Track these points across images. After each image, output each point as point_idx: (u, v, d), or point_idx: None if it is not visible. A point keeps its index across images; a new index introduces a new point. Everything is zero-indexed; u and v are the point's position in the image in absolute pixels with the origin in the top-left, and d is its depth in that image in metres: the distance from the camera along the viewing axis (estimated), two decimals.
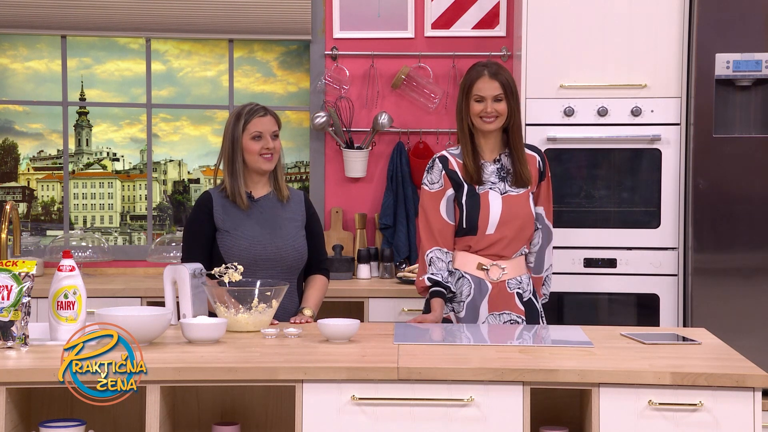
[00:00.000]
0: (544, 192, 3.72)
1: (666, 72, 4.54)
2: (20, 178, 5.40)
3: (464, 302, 3.62)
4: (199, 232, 3.63)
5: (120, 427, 3.07)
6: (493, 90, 3.60)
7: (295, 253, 3.66)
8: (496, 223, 3.60)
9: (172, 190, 5.46)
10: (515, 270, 3.64)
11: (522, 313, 3.63)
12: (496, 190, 3.62)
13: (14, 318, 2.96)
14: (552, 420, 3.06)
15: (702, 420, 2.75)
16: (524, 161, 3.64)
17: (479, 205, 3.60)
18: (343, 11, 5.13)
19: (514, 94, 3.63)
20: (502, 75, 3.63)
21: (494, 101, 3.60)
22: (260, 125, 3.62)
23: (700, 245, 4.51)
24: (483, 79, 3.62)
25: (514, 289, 3.63)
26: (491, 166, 3.65)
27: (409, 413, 2.78)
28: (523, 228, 3.63)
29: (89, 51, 5.33)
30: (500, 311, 3.62)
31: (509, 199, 3.62)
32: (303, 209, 3.74)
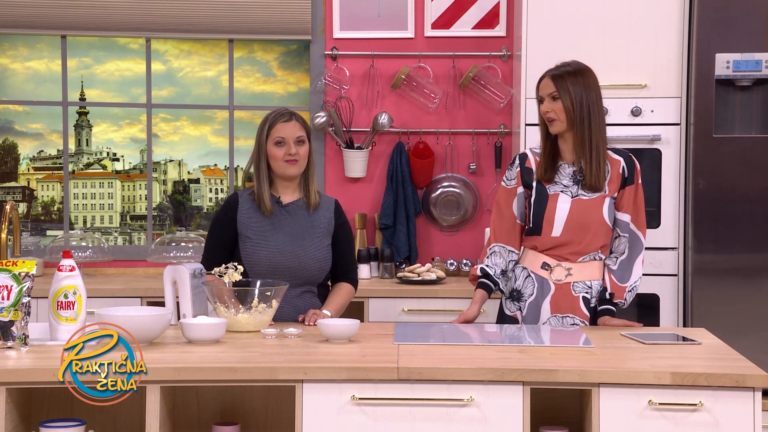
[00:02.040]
0: (628, 198, 3.53)
1: (666, 72, 4.54)
2: (20, 178, 5.40)
3: (527, 301, 3.57)
4: (221, 234, 3.64)
5: (120, 427, 3.07)
6: (548, 88, 3.52)
7: (317, 264, 3.62)
8: (563, 225, 3.50)
9: (172, 190, 5.46)
10: (583, 274, 3.53)
11: (587, 318, 3.53)
12: (567, 193, 3.52)
13: (14, 318, 2.96)
14: (552, 420, 3.06)
15: (702, 420, 2.75)
16: (598, 164, 3.48)
17: (546, 205, 3.52)
18: (343, 11, 5.13)
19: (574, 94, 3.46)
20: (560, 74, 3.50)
21: (551, 100, 3.51)
22: (283, 131, 3.59)
23: (700, 245, 4.51)
24: (544, 80, 3.55)
25: (579, 292, 3.53)
26: (569, 168, 3.54)
27: (409, 413, 2.78)
28: (593, 233, 3.50)
29: (89, 51, 5.33)
30: (564, 314, 3.53)
31: (579, 202, 3.51)
32: (332, 217, 3.68)
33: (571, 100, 3.46)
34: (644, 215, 3.57)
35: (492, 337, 3.44)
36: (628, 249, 3.56)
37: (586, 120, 3.47)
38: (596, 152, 3.47)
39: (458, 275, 5.04)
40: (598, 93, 3.52)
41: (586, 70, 3.55)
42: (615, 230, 3.55)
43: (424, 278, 4.74)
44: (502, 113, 5.12)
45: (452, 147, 5.15)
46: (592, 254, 3.52)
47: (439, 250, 5.16)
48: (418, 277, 4.76)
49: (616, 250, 3.57)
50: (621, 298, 3.55)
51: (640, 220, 3.55)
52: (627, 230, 3.54)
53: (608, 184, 3.51)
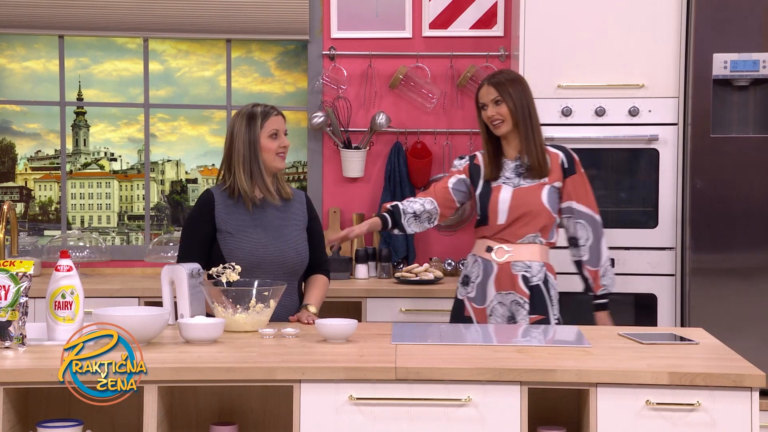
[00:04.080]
0: (574, 185, 3.83)
1: (663, 72, 4.54)
2: (18, 178, 5.40)
3: (475, 283, 3.85)
4: (199, 231, 3.62)
5: (118, 427, 3.07)
6: (490, 95, 3.83)
7: (298, 257, 3.66)
8: (506, 212, 3.80)
9: (169, 190, 5.46)
10: (522, 254, 3.80)
11: (526, 296, 3.78)
12: (509, 184, 3.83)
13: (12, 318, 2.96)
14: (550, 420, 3.06)
15: (700, 420, 2.75)
16: (537, 154, 3.80)
17: (490, 197, 3.83)
18: (340, 11, 5.13)
19: (515, 97, 3.81)
20: (499, 81, 3.84)
21: (495, 105, 3.82)
22: (275, 124, 3.66)
23: (697, 245, 4.51)
24: (483, 88, 3.87)
25: (519, 271, 3.79)
26: (512, 164, 3.86)
27: (407, 413, 2.78)
28: (532, 216, 3.78)
29: (87, 51, 5.33)
30: (506, 291, 3.79)
31: (519, 190, 3.81)
32: (305, 210, 3.74)
33: (514, 103, 3.81)
34: (594, 199, 3.86)
35: (490, 337, 3.44)
36: (591, 233, 3.85)
37: (528, 119, 3.81)
38: (538, 145, 3.81)
39: (456, 275, 5.04)
40: (532, 95, 3.88)
41: (521, 77, 3.93)
42: (571, 218, 3.83)
43: (421, 278, 4.75)
44: None
45: (450, 147, 5.15)
46: (531, 236, 3.80)
47: (437, 250, 5.16)
48: (416, 277, 4.76)
49: (581, 237, 3.85)
50: (599, 287, 3.85)
51: (591, 203, 3.85)
52: (582, 215, 3.83)
53: (549, 174, 3.81)
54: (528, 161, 3.80)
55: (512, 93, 3.81)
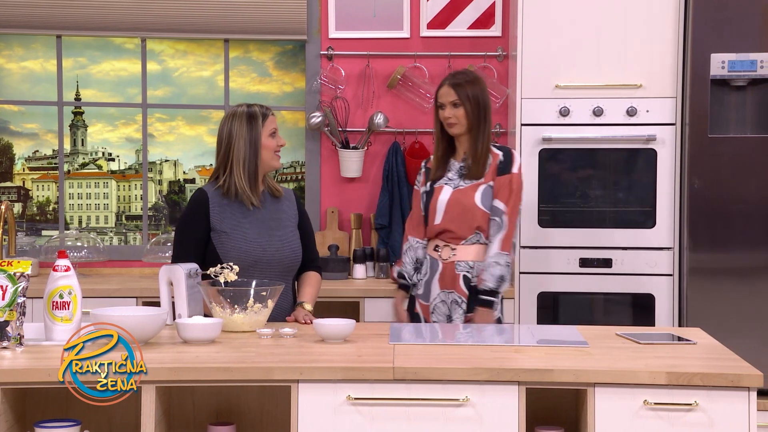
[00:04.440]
0: (501, 185, 3.87)
1: (661, 72, 4.54)
2: (15, 178, 5.40)
3: (422, 280, 3.97)
4: (194, 230, 3.61)
5: (115, 428, 3.07)
6: (450, 96, 3.91)
7: (293, 255, 3.67)
8: (442, 213, 3.90)
9: (167, 190, 5.46)
10: (465, 255, 3.88)
11: (464, 295, 3.86)
12: (450, 185, 3.94)
13: (9, 318, 2.96)
14: (547, 420, 3.06)
15: (697, 420, 2.75)
16: (479, 157, 3.89)
17: (431, 197, 3.95)
18: (338, 11, 5.13)
19: (473, 101, 3.89)
20: (459, 82, 3.92)
21: (453, 107, 3.90)
22: (274, 123, 3.70)
23: (695, 245, 4.51)
24: (443, 88, 3.94)
25: (461, 271, 3.88)
26: (457, 164, 3.96)
27: (405, 413, 2.78)
28: (467, 217, 3.87)
29: (84, 51, 5.33)
30: (448, 290, 3.89)
31: (457, 191, 3.91)
32: (295, 208, 3.76)
33: (472, 106, 3.89)
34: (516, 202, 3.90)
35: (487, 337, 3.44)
36: (492, 231, 3.89)
37: (482, 122, 3.90)
38: (485, 148, 3.90)
39: None
40: (489, 98, 3.97)
41: (480, 79, 3.98)
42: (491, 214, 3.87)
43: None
44: (498, 113, 5.12)
45: None
46: (473, 236, 3.88)
47: None
48: None
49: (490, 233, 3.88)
50: (479, 282, 3.85)
51: (511, 206, 3.88)
52: (498, 214, 3.87)
53: (486, 174, 3.89)
54: (470, 162, 3.89)
55: (471, 96, 3.89)
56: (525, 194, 4.58)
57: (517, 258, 4.61)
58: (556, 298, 4.61)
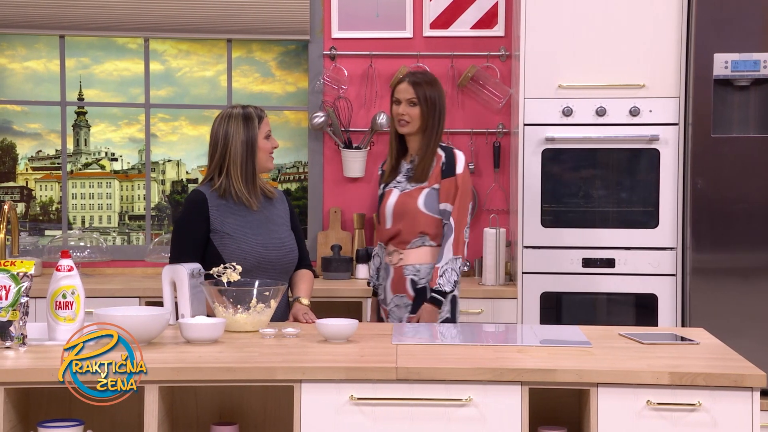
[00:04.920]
0: (444, 187, 3.85)
1: (664, 72, 4.54)
2: (18, 178, 5.40)
3: (381, 285, 3.99)
4: (193, 231, 3.59)
5: (118, 427, 3.07)
6: (407, 94, 3.88)
7: (292, 255, 3.67)
8: (391, 217, 3.91)
9: (170, 190, 5.46)
10: (412, 258, 3.88)
11: (411, 298, 3.87)
12: (399, 188, 3.93)
13: (12, 318, 2.96)
14: (550, 420, 3.06)
15: (700, 420, 2.75)
16: (425, 160, 3.86)
17: (381, 201, 3.97)
18: (341, 11, 5.13)
19: (430, 102, 3.86)
20: (419, 81, 3.89)
21: (408, 105, 3.87)
22: (268, 125, 3.69)
23: (698, 245, 4.51)
24: (402, 84, 3.92)
25: (408, 275, 3.88)
26: (406, 166, 3.95)
27: (408, 413, 2.78)
28: (411, 221, 3.86)
29: (87, 51, 5.33)
30: (400, 294, 3.90)
31: (403, 194, 3.90)
32: (287, 208, 3.77)
33: (428, 108, 3.87)
34: (465, 203, 3.87)
35: (490, 337, 3.44)
36: (444, 234, 3.87)
37: (435, 127, 3.88)
38: (432, 152, 3.88)
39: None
40: (445, 102, 3.95)
41: (438, 82, 3.97)
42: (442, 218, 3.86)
43: None
44: (501, 113, 5.12)
45: None
46: (418, 240, 3.87)
47: None
48: None
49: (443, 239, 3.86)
50: (434, 284, 3.83)
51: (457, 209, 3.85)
52: (447, 217, 3.85)
53: (430, 177, 3.87)
54: (417, 164, 3.88)
55: (428, 97, 3.87)
56: (528, 195, 4.60)
57: (520, 258, 4.61)
58: (559, 298, 4.60)
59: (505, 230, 4.80)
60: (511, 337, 3.47)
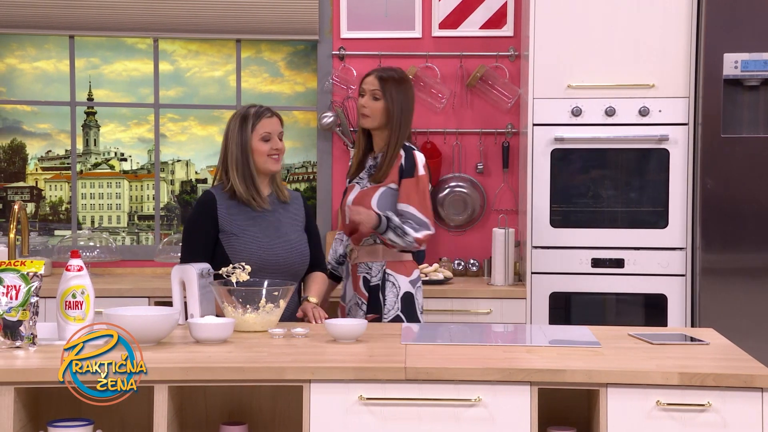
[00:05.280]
0: (403, 188, 3.81)
1: (674, 72, 4.53)
2: (28, 178, 5.41)
3: (343, 283, 4.00)
4: (202, 232, 3.61)
5: (128, 427, 3.07)
6: (372, 86, 3.87)
7: (301, 258, 3.67)
8: (349, 212, 3.87)
9: (179, 190, 5.47)
10: (364, 256, 3.87)
11: (364, 297, 3.85)
12: (360, 184, 3.92)
13: (22, 318, 2.97)
14: (560, 420, 3.06)
15: (710, 420, 2.74)
16: (388, 159, 3.83)
17: (345, 196, 3.97)
18: (350, 11, 5.14)
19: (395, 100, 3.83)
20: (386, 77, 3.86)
21: (372, 98, 3.86)
22: (269, 126, 3.63)
23: (708, 245, 4.50)
24: (370, 77, 3.91)
25: (361, 273, 3.88)
26: (371, 162, 3.93)
27: (417, 413, 2.78)
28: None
29: (97, 51, 5.34)
30: (355, 293, 3.89)
31: (361, 192, 3.89)
32: (303, 210, 3.75)
33: (392, 105, 3.83)
34: (428, 203, 3.86)
35: (499, 338, 3.44)
36: None
37: (399, 125, 3.83)
38: (395, 151, 3.83)
39: (465, 275, 5.04)
40: (413, 104, 3.90)
41: (409, 81, 3.94)
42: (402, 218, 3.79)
43: (431, 278, 4.74)
44: (510, 113, 5.11)
45: (459, 147, 5.15)
46: (369, 238, 3.84)
47: (446, 250, 5.16)
48: (426, 277, 4.75)
49: None
50: None
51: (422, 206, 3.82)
52: (413, 218, 3.79)
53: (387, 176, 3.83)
54: (379, 162, 3.86)
55: (393, 95, 3.84)
56: (537, 195, 4.60)
57: (529, 258, 4.61)
58: (568, 298, 4.60)
59: (513, 230, 4.79)
60: (520, 338, 3.47)
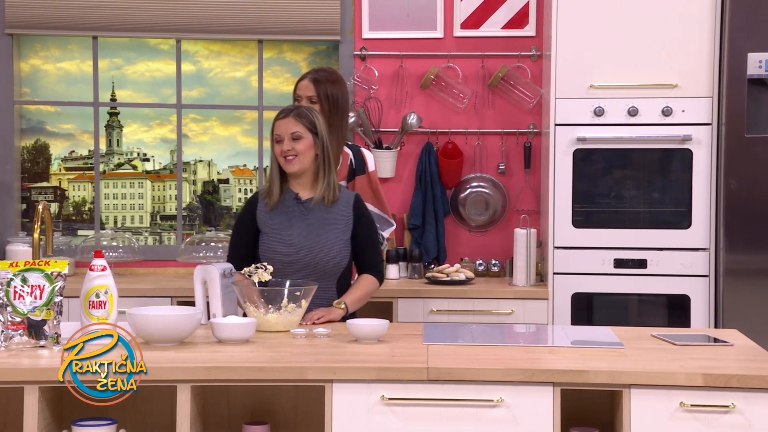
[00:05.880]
0: (359, 186, 3.90)
1: (697, 72, 4.51)
2: (52, 179, 5.44)
3: None
4: (241, 230, 3.67)
5: (151, 427, 3.08)
6: (308, 91, 3.90)
7: (330, 259, 3.60)
8: None
9: (201, 191, 5.49)
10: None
11: None
12: None
13: (46, 317, 2.98)
14: (582, 421, 3.05)
15: (734, 422, 2.73)
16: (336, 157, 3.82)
17: None
18: (372, 11, 5.14)
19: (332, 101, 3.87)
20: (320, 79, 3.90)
21: (309, 102, 3.87)
22: (279, 128, 3.61)
23: (731, 246, 4.47)
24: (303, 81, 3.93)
25: None
26: None
27: (439, 414, 2.78)
28: None
29: (120, 52, 5.37)
30: None
31: None
32: (350, 212, 3.65)
33: (329, 106, 3.88)
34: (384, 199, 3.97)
35: (521, 338, 3.43)
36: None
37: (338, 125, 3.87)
38: (337, 151, 3.85)
39: (487, 275, 5.03)
40: (348, 101, 3.98)
41: (342, 81, 4.00)
42: None
43: (452, 278, 4.74)
44: (532, 113, 5.10)
45: (481, 147, 5.14)
46: None
47: (468, 250, 5.15)
48: (447, 277, 4.75)
49: None
50: None
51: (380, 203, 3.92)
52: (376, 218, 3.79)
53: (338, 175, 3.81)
54: None
55: (330, 95, 3.88)
56: (560, 195, 4.59)
57: (551, 258, 4.60)
58: (590, 299, 4.58)
59: (535, 231, 4.78)
60: (542, 338, 3.46)
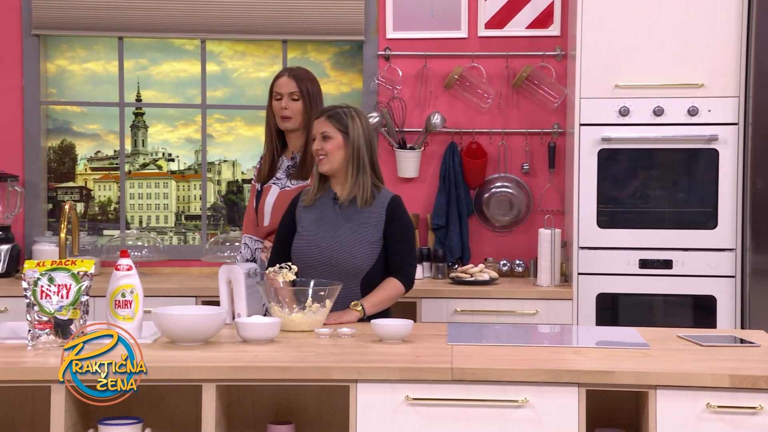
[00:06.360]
0: None
1: (724, 71, 4.48)
2: (78, 179, 5.48)
3: None
4: (284, 228, 3.70)
5: (176, 426, 3.10)
6: (290, 88, 3.90)
7: (352, 259, 3.57)
8: (269, 214, 3.92)
9: (226, 191, 5.50)
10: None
11: None
12: (278, 185, 3.96)
13: (73, 316, 3.00)
14: (608, 421, 3.04)
15: (762, 423, 2.71)
16: (308, 156, 3.83)
17: (260, 198, 3.98)
18: (396, 11, 5.14)
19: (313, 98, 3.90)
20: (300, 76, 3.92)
21: (290, 100, 3.89)
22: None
23: (758, 246, 4.44)
24: (283, 78, 3.94)
25: None
26: (287, 162, 3.98)
27: (464, 414, 2.78)
28: None
29: (145, 52, 5.39)
30: None
31: (283, 192, 3.93)
32: (383, 213, 3.61)
33: (311, 103, 3.89)
34: None
35: (546, 338, 3.42)
36: None
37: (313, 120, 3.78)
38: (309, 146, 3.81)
39: (511, 276, 5.02)
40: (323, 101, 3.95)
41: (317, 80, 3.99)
42: None
43: (476, 279, 4.73)
44: (556, 113, 5.09)
45: (505, 147, 5.13)
46: None
47: (492, 250, 5.14)
48: (471, 277, 4.74)
49: None
50: None
51: None
52: None
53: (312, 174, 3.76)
54: (299, 162, 3.89)
55: (310, 93, 3.90)
56: (584, 195, 4.57)
57: (575, 258, 4.58)
58: (615, 299, 4.56)
59: (560, 231, 4.76)
60: (567, 339, 3.45)
